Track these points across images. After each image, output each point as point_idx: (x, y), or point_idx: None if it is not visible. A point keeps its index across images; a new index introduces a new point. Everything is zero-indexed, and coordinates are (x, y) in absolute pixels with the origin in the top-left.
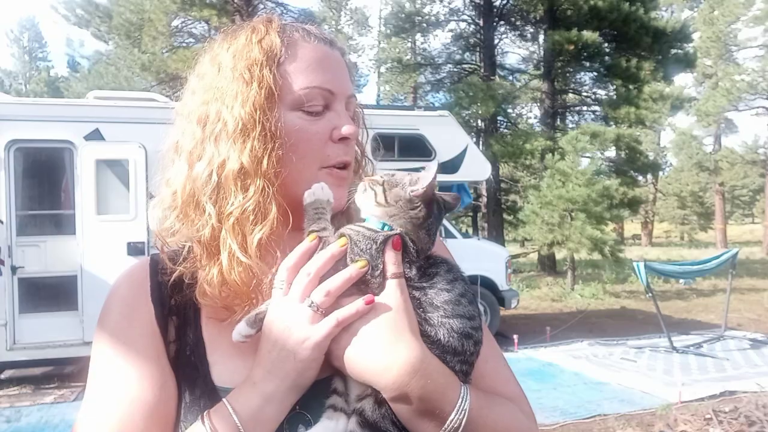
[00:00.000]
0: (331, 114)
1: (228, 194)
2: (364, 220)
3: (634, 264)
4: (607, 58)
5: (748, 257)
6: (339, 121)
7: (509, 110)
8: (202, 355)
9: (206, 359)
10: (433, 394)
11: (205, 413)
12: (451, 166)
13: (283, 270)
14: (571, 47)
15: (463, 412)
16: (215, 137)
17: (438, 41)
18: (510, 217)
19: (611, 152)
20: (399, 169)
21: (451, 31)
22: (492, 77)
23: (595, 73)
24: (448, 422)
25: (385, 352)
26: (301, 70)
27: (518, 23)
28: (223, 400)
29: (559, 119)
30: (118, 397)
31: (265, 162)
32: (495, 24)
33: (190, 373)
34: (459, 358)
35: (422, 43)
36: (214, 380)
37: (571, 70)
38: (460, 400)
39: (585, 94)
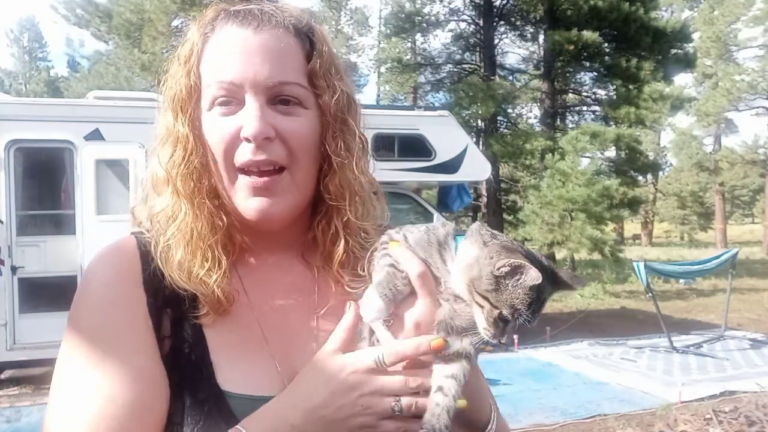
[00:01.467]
0: (242, 111)
1: (153, 197)
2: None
3: (634, 264)
4: (607, 58)
5: (748, 257)
6: (245, 119)
7: (509, 110)
8: (204, 355)
9: (209, 359)
10: (477, 408)
11: None
12: (451, 166)
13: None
14: (571, 47)
15: (494, 423)
16: (159, 140)
17: (438, 41)
18: (510, 217)
19: (611, 152)
20: (399, 170)
21: (451, 31)
22: (492, 77)
23: (595, 73)
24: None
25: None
26: (209, 65)
27: (518, 23)
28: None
29: (559, 119)
30: (103, 394)
31: (174, 171)
32: (495, 24)
33: (190, 374)
34: None
35: (422, 43)
36: (221, 384)
37: (571, 70)
38: (492, 421)
39: (585, 94)
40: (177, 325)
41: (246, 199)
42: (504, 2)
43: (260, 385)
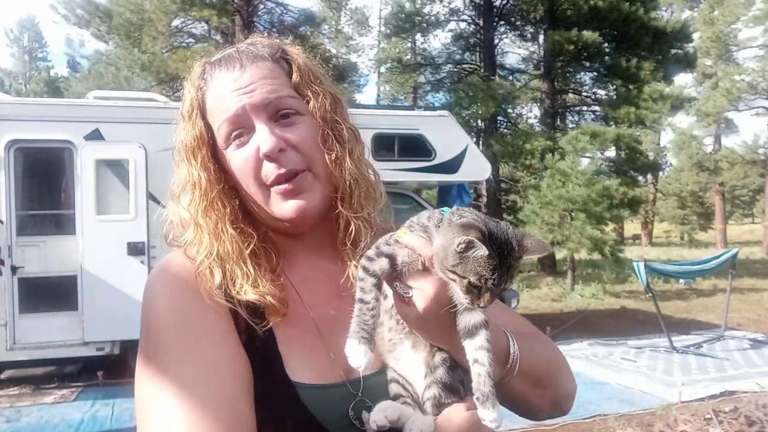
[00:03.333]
0: (254, 135)
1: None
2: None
3: (634, 264)
4: (607, 58)
5: (748, 257)
6: (259, 140)
7: (509, 110)
8: (274, 348)
9: (278, 352)
10: (497, 344)
11: None
12: (451, 166)
13: None
14: (571, 47)
15: (515, 353)
16: (181, 188)
17: (438, 41)
18: (510, 217)
19: (611, 152)
20: (399, 170)
21: (451, 31)
22: (492, 77)
23: (595, 73)
24: (509, 363)
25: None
26: (213, 112)
27: (518, 23)
28: None
29: (559, 119)
30: (221, 375)
31: (194, 209)
32: (495, 24)
33: (260, 364)
34: None
35: (422, 43)
36: (290, 374)
37: (571, 70)
38: (511, 345)
39: (585, 94)
40: (247, 322)
41: (281, 205)
42: (504, 2)
43: (322, 375)
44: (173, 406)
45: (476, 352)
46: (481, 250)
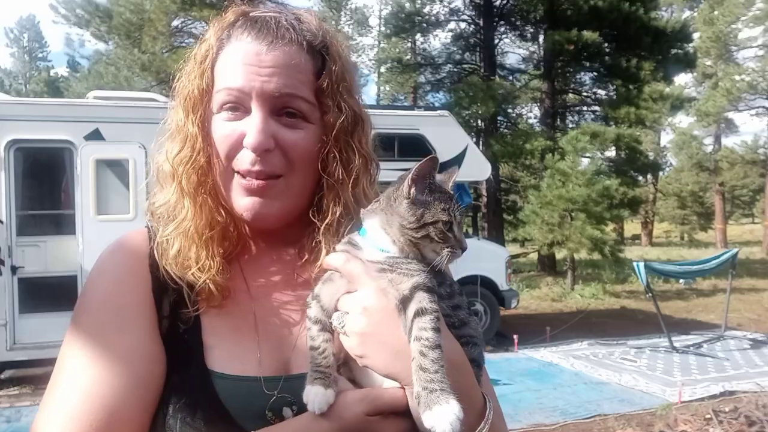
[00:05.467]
0: (247, 119)
1: (157, 190)
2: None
3: (634, 264)
4: (607, 58)
5: (748, 257)
6: (249, 127)
7: (509, 110)
8: (197, 336)
9: (201, 340)
10: (463, 394)
11: None
12: (451, 166)
13: None
14: (571, 47)
15: (488, 423)
16: (169, 135)
17: (438, 41)
18: (510, 217)
19: (611, 152)
20: (400, 170)
21: (451, 31)
22: (492, 77)
23: (595, 73)
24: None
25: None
26: (221, 72)
27: (518, 23)
28: None
29: (559, 119)
30: (108, 366)
31: (181, 168)
32: (495, 24)
33: (181, 354)
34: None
35: (422, 43)
36: (208, 364)
37: (571, 70)
38: (487, 409)
39: (585, 94)
40: (176, 307)
41: (240, 198)
42: (504, 2)
43: (242, 367)
44: (58, 389)
45: (419, 331)
46: (430, 181)
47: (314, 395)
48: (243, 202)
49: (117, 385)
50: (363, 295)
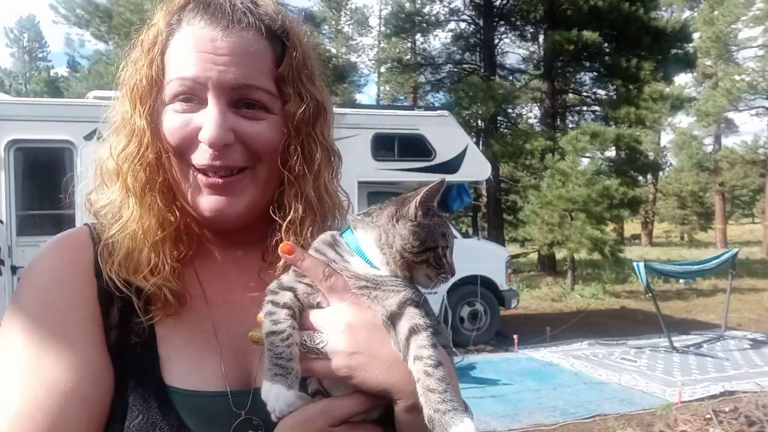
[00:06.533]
0: (203, 111)
1: (99, 187)
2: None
3: (634, 264)
4: (607, 58)
5: (748, 257)
6: (205, 121)
7: (509, 110)
8: (151, 348)
9: (157, 353)
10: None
11: None
12: (451, 166)
13: None
14: (571, 47)
15: None
16: (113, 128)
17: (438, 41)
18: (510, 217)
19: (611, 152)
20: (399, 170)
21: (451, 31)
22: (492, 77)
23: (595, 73)
24: None
25: (403, 367)
26: (172, 60)
27: (518, 23)
28: None
29: (559, 119)
30: (41, 381)
31: (126, 165)
32: (495, 24)
33: (134, 367)
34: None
35: (422, 43)
36: (165, 378)
37: (571, 70)
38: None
39: (585, 94)
40: (126, 316)
41: (202, 197)
42: (504, 2)
43: (204, 381)
44: None
45: (418, 350)
46: (435, 205)
47: (275, 395)
48: (205, 202)
49: (59, 405)
50: (344, 312)
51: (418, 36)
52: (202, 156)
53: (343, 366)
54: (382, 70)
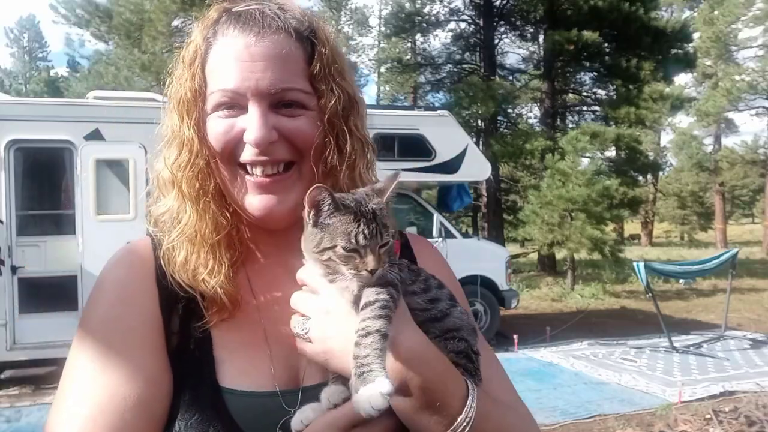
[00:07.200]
0: (245, 116)
1: (158, 197)
2: None
3: (634, 264)
4: (607, 58)
5: (748, 257)
6: (248, 123)
7: (509, 110)
8: (208, 352)
9: (212, 356)
10: (435, 384)
11: None
12: (451, 166)
13: None
14: (571, 47)
15: (471, 410)
16: (165, 141)
17: (438, 41)
18: (510, 217)
19: (611, 152)
20: (398, 170)
21: (451, 31)
22: (492, 77)
23: (595, 73)
24: (458, 422)
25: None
26: (213, 72)
27: (518, 23)
28: None
29: (559, 119)
30: (104, 388)
31: (180, 173)
32: (495, 24)
33: (192, 370)
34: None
35: (422, 43)
36: (219, 380)
37: (571, 70)
38: (470, 397)
39: (585, 94)
40: (186, 322)
41: (251, 197)
42: (504, 2)
43: (255, 382)
44: (68, 400)
45: (358, 324)
46: (330, 204)
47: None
48: (254, 201)
49: (122, 409)
50: (324, 298)
51: (418, 36)
52: (248, 152)
53: (320, 351)
54: (382, 70)
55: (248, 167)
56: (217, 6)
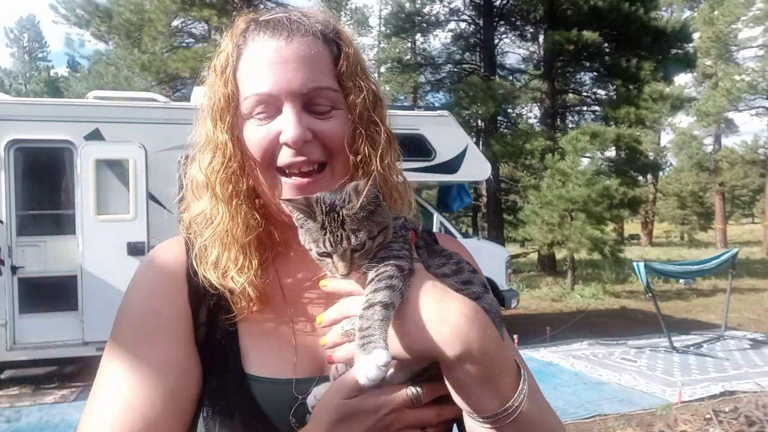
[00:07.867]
0: (280, 117)
1: (191, 201)
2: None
3: (634, 264)
4: (607, 58)
5: (748, 257)
6: (283, 125)
7: (509, 110)
8: (234, 341)
9: (238, 345)
10: (495, 349)
11: None
12: (451, 166)
13: None
14: (571, 47)
15: (523, 393)
16: (199, 147)
17: (438, 41)
18: (510, 217)
19: (611, 152)
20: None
21: (451, 31)
22: (492, 77)
23: (595, 73)
24: (512, 399)
25: (438, 308)
26: (245, 77)
27: (518, 23)
28: None
29: (559, 119)
30: (140, 381)
31: (213, 176)
32: (495, 24)
33: (219, 359)
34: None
35: (422, 43)
36: (246, 368)
37: (571, 70)
38: (521, 378)
39: (585, 94)
40: (214, 314)
41: (289, 197)
42: (504, 2)
43: (277, 369)
44: (100, 399)
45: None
46: (296, 213)
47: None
48: None
49: (153, 398)
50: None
51: (418, 36)
52: (285, 155)
53: None
54: (382, 70)
55: (286, 170)
56: (244, 17)
